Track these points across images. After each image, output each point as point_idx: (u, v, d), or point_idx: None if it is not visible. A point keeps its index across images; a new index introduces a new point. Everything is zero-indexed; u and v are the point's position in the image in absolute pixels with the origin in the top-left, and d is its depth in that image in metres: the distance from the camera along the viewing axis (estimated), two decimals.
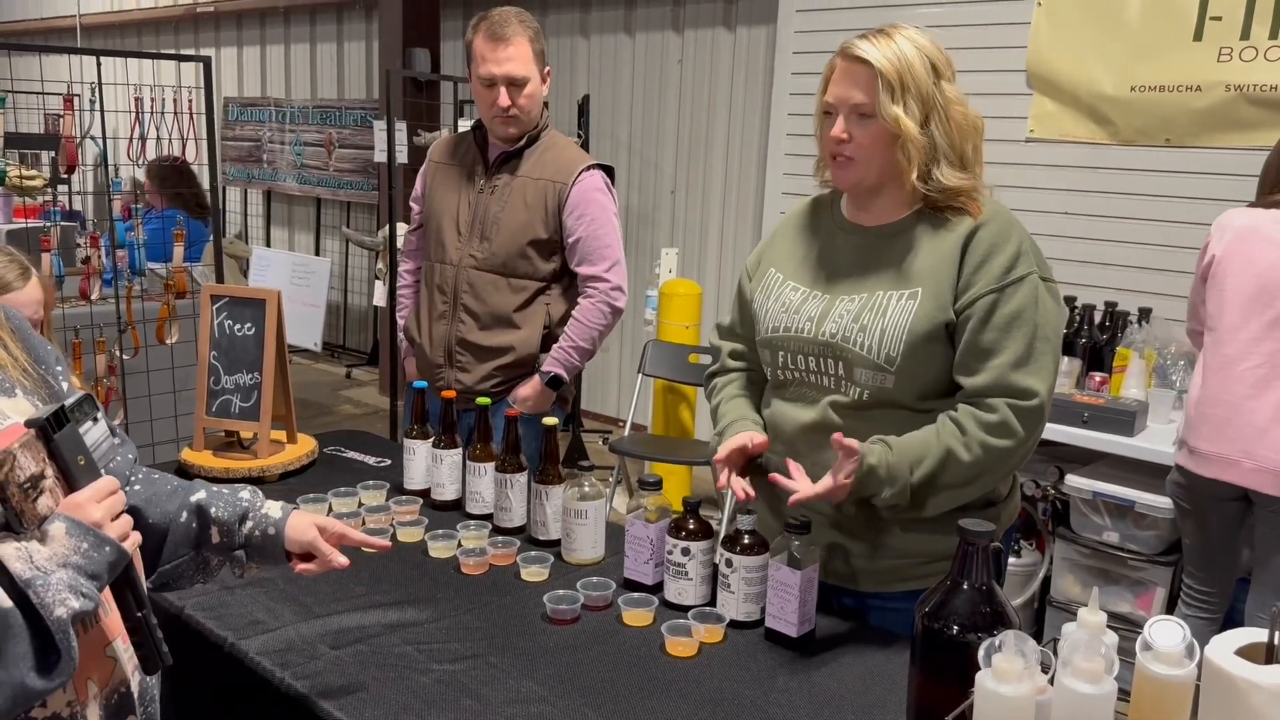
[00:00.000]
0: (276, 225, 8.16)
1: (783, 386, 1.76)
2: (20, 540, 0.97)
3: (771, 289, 1.77)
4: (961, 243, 1.60)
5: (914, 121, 1.58)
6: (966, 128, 1.61)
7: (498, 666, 1.52)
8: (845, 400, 1.66)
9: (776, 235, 1.86)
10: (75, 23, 9.13)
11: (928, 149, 1.59)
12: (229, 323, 2.30)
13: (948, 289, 1.60)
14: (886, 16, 4.20)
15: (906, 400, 1.64)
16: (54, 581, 0.96)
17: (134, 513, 1.22)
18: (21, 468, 0.97)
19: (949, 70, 1.63)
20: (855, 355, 1.63)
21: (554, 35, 5.98)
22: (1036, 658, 1.08)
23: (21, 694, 0.93)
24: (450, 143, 2.69)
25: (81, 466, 1.03)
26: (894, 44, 1.61)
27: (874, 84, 1.59)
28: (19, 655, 0.93)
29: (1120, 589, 3.14)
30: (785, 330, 1.71)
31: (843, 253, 1.72)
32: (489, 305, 2.51)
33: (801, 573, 1.57)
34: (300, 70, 7.74)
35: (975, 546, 1.26)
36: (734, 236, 5.35)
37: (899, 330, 1.60)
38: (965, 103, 1.63)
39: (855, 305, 1.65)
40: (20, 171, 3.54)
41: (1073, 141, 3.83)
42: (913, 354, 1.59)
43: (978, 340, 1.58)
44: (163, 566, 1.30)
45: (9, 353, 1.14)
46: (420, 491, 2.17)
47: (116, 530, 1.04)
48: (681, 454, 4.22)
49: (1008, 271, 1.58)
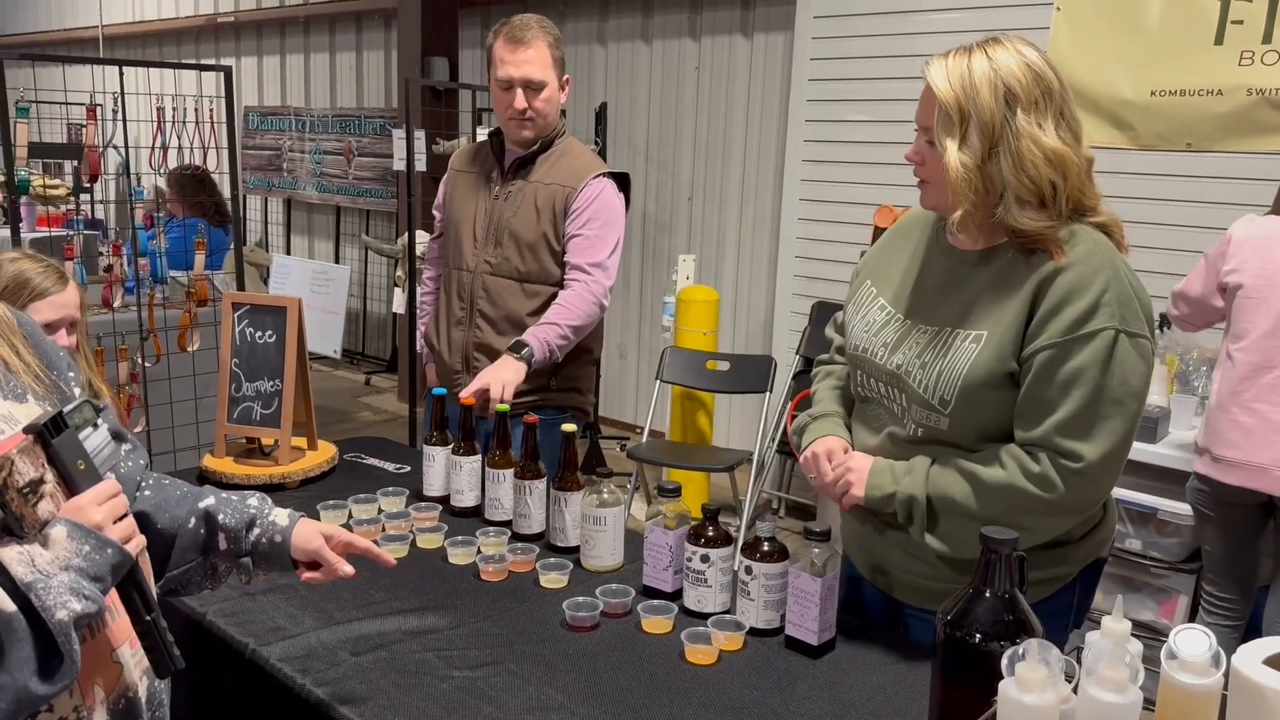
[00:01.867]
0: (296, 233, 8.21)
1: (865, 402, 1.74)
2: (22, 544, 0.98)
3: (863, 303, 1.73)
4: (1036, 287, 1.49)
5: (972, 155, 1.47)
6: (1041, 163, 1.46)
7: (517, 673, 1.52)
8: (902, 434, 1.63)
9: (886, 240, 1.79)
10: (98, 33, 9.23)
11: (987, 185, 1.48)
12: (250, 330, 2.32)
13: (1011, 338, 1.50)
14: (904, 23, 4.21)
15: (962, 442, 1.57)
16: (55, 585, 0.96)
17: (143, 518, 1.22)
18: (20, 472, 0.98)
19: (1035, 98, 1.47)
20: (912, 392, 1.59)
21: (572, 43, 6.00)
22: (1060, 666, 1.07)
23: (25, 698, 0.94)
24: (470, 151, 2.70)
25: (82, 471, 1.04)
26: (967, 65, 1.49)
27: (934, 110, 1.51)
28: (22, 659, 0.93)
29: (1142, 597, 3.12)
30: (864, 351, 1.68)
31: (933, 275, 1.64)
32: (504, 310, 2.52)
33: (822, 580, 1.56)
34: (320, 79, 7.79)
35: (998, 554, 1.26)
36: (751, 243, 5.35)
37: (956, 373, 1.53)
38: (1046, 136, 1.47)
39: (925, 338, 1.59)
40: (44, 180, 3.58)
41: (1092, 146, 3.80)
42: (967, 399, 1.52)
43: (1035, 394, 1.49)
44: (171, 572, 1.31)
45: (21, 359, 1.15)
46: (440, 498, 2.18)
47: (119, 533, 1.04)
48: (699, 460, 4.21)
49: (1079, 325, 1.46)
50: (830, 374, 1.86)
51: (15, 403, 1.11)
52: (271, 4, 7.94)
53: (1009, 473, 1.50)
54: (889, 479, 1.60)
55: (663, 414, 4.69)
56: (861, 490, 1.62)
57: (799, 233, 4.69)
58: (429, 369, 2.76)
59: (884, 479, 1.61)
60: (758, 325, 5.33)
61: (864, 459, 1.66)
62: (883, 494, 1.60)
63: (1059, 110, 1.49)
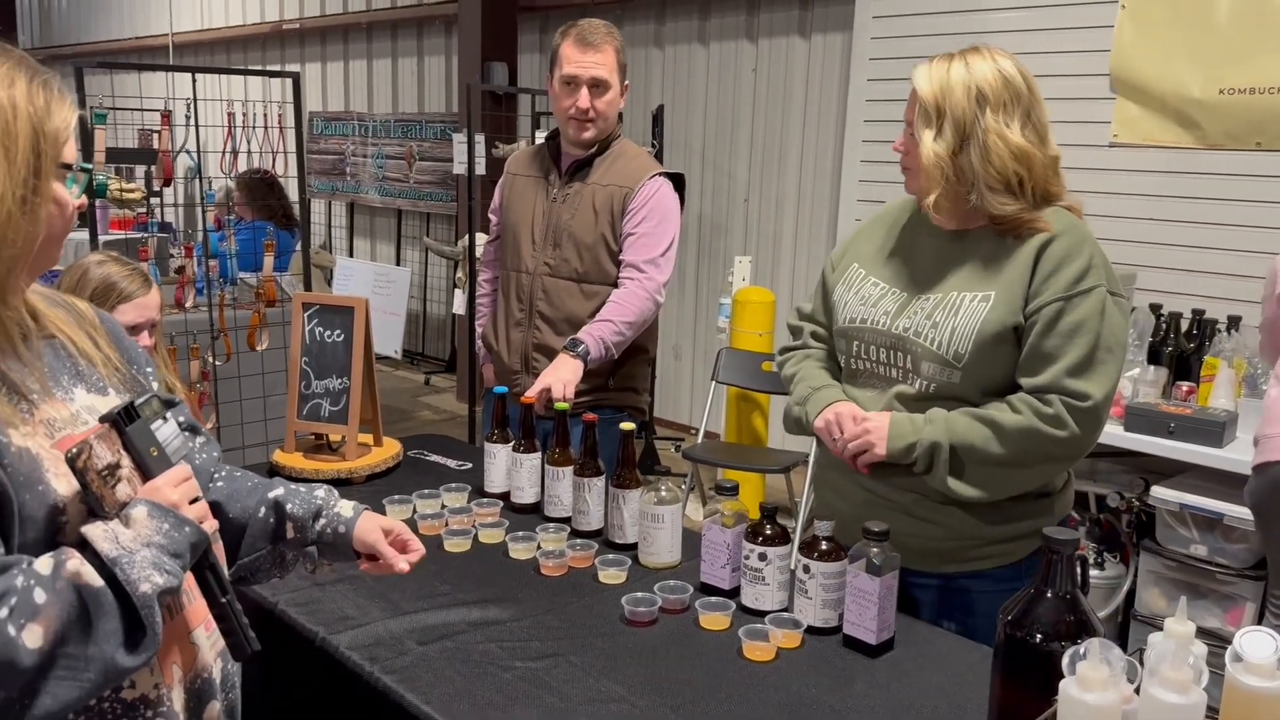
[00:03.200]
0: (359, 236, 8.36)
1: (854, 375, 1.87)
2: (106, 524, 1.03)
3: (853, 282, 1.88)
4: (1035, 252, 1.69)
5: (945, 146, 1.68)
6: (1007, 157, 1.66)
7: (578, 665, 1.55)
8: (911, 391, 1.76)
9: (863, 230, 1.97)
10: (168, 41, 9.49)
11: (958, 173, 1.69)
12: (319, 329, 2.38)
13: (1019, 295, 1.69)
14: (964, 23, 4.17)
15: (970, 395, 1.72)
16: (139, 560, 1.01)
17: (216, 507, 1.27)
18: (98, 456, 1.03)
19: (1004, 100, 1.68)
20: (924, 350, 1.73)
21: (629, 46, 6.00)
22: (1122, 666, 1.07)
23: (112, 669, 0.98)
24: (527, 155, 2.74)
25: (155, 458, 1.09)
26: (947, 68, 1.70)
27: (915, 105, 1.72)
28: (109, 632, 0.98)
29: (1208, 604, 3.06)
30: (861, 321, 1.83)
31: (924, 253, 1.82)
32: (563, 311, 2.55)
33: (881, 580, 1.57)
34: (382, 85, 7.93)
35: (1060, 555, 1.26)
36: (808, 244, 5.34)
37: (969, 329, 1.69)
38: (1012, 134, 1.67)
39: (929, 304, 1.75)
40: (120, 184, 3.70)
41: (1158, 146, 3.74)
42: (980, 353, 1.69)
43: (1041, 345, 1.67)
44: (241, 560, 1.35)
45: (100, 350, 1.20)
46: (500, 494, 2.22)
47: (194, 513, 1.09)
48: (755, 461, 4.21)
49: (1076, 282, 1.66)
50: (810, 355, 1.97)
51: (98, 395, 1.16)
52: (335, 10, 8.10)
53: (1025, 416, 1.66)
54: (909, 429, 1.72)
55: (718, 415, 4.70)
56: (884, 446, 1.73)
57: None
58: (486, 369, 2.81)
59: (904, 429, 1.72)
60: None
61: (882, 416, 1.77)
62: (905, 444, 1.71)
63: (1026, 113, 1.70)
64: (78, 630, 0.97)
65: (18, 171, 1.02)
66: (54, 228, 1.09)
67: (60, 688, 0.96)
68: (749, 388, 4.38)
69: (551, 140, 2.64)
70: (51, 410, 1.09)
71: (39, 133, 1.04)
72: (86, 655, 0.97)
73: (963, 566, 1.77)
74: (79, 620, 0.97)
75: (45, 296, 1.20)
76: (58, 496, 1.04)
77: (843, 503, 1.85)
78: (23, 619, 0.93)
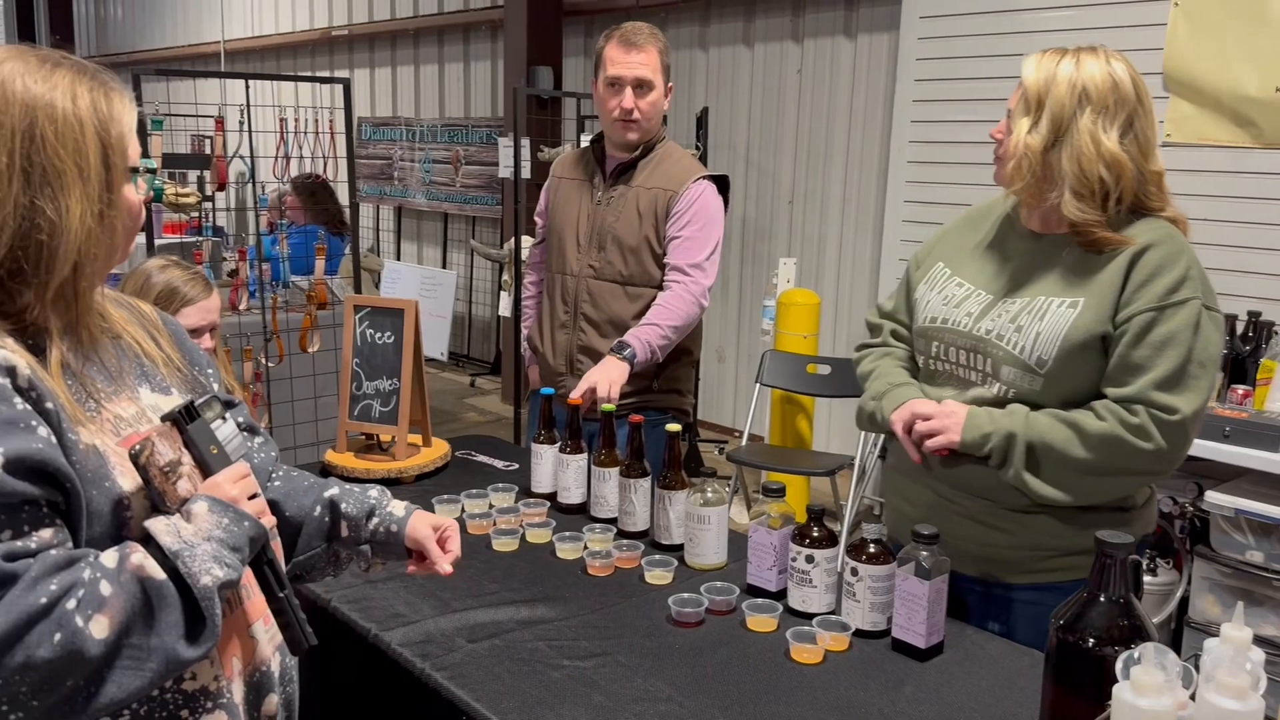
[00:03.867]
0: (406, 239, 8.46)
1: (932, 376, 1.83)
2: (168, 519, 1.06)
3: (936, 281, 1.85)
4: (1128, 260, 1.63)
5: (1038, 139, 1.64)
6: (1096, 161, 1.62)
7: (625, 665, 1.56)
8: (989, 395, 1.72)
9: (950, 229, 1.94)
10: (219, 48, 9.67)
11: (1045, 170, 1.65)
12: (370, 331, 2.42)
13: (1109, 303, 1.63)
14: (1013, 22, 4.13)
15: (1050, 404, 1.67)
16: (200, 553, 1.03)
17: (273, 506, 1.30)
18: (160, 453, 1.07)
19: (1106, 104, 1.63)
20: (1005, 354, 1.69)
21: (673, 48, 6.03)
22: (1177, 671, 1.06)
23: (173, 660, 1.01)
24: (572, 158, 2.76)
25: (214, 455, 1.12)
26: (1057, 62, 1.66)
27: (1018, 95, 1.69)
28: (171, 624, 1.01)
29: (1264, 611, 3.00)
30: (943, 321, 1.79)
31: (1013, 256, 1.78)
32: (608, 314, 2.57)
33: (930, 583, 1.56)
34: (429, 90, 8.01)
35: (1113, 559, 1.24)
36: (853, 246, 5.31)
37: (1054, 335, 1.64)
38: (1107, 139, 1.62)
39: (1015, 307, 1.71)
40: (176, 189, 3.78)
41: (1213, 145, 3.67)
42: (1065, 360, 1.64)
43: (1130, 356, 1.61)
44: (297, 557, 1.38)
45: (161, 350, 1.24)
46: (547, 495, 2.24)
47: (253, 509, 1.12)
48: (800, 464, 4.20)
49: (1170, 293, 1.60)
50: (889, 353, 1.94)
51: (161, 395, 1.20)
52: (383, 17, 8.20)
53: (1109, 424, 1.60)
54: (986, 420, 1.68)
55: (762, 417, 4.69)
56: (959, 433, 1.69)
57: (903, 235, 4.64)
58: (532, 371, 2.83)
59: (981, 419, 1.68)
60: (859, 329, 5.29)
61: (960, 406, 1.72)
62: (980, 434, 1.67)
63: (1129, 121, 1.65)
64: (141, 622, 1.00)
65: (93, 189, 1.06)
66: (128, 231, 1.13)
67: (125, 677, 0.98)
68: (793, 390, 4.36)
69: (596, 144, 2.66)
70: (118, 408, 1.12)
71: (107, 145, 1.07)
72: (149, 646, 1.00)
73: (1031, 578, 1.71)
74: (143, 612, 1.00)
75: (111, 298, 1.23)
76: (123, 492, 1.07)
77: (910, 508, 1.82)
78: (90, 610, 0.96)
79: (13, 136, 1.02)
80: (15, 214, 1.02)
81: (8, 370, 1.00)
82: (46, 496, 1.00)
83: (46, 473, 0.99)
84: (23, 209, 1.02)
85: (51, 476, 0.99)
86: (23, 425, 0.98)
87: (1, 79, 1.03)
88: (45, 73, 1.06)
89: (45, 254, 1.03)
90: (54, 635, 0.94)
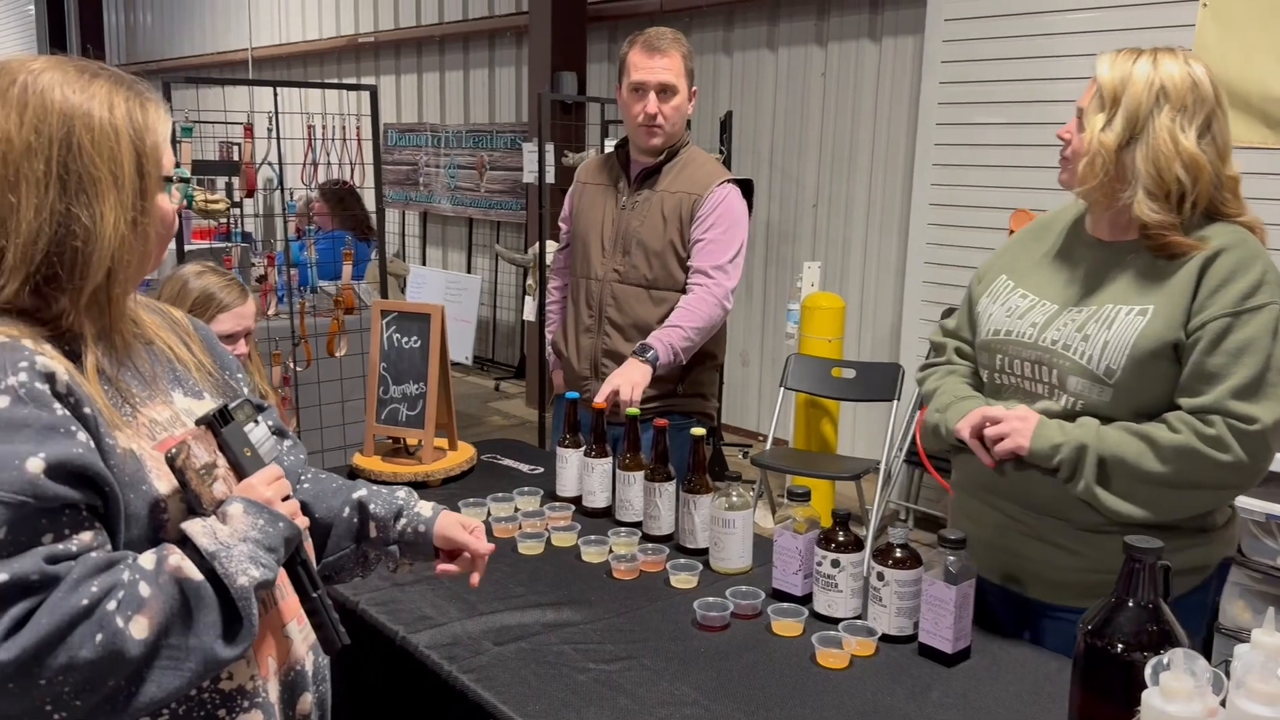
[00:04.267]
0: (431, 244, 8.51)
1: (997, 391, 1.78)
2: (205, 521, 1.08)
3: (999, 294, 1.79)
4: (1201, 264, 1.57)
5: (1113, 137, 1.58)
6: (1174, 161, 1.56)
7: (651, 668, 1.57)
8: (1056, 408, 1.65)
9: (1013, 243, 1.89)
10: (247, 56, 9.77)
11: (1119, 169, 1.59)
12: (397, 336, 2.44)
13: (1181, 308, 1.56)
14: (1039, 24, 4.11)
15: (1120, 416, 1.60)
16: (236, 554, 1.05)
17: (303, 508, 1.31)
18: (196, 455, 1.09)
19: (1185, 103, 1.57)
20: (1072, 364, 1.63)
21: (697, 53, 6.03)
22: (1208, 677, 1.05)
23: (211, 660, 1.03)
24: (596, 164, 2.78)
25: (248, 458, 1.14)
26: (1134, 60, 1.61)
27: (1092, 92, 1.64)
28: (209, 624, 1.02)
29: None
30: (1007, 333, 1.73)
31: (1079, 265, 1.72)
32: (632, 317, 2.58)
33: (957, 588, 1.56)
34: (454, 96, 8.06)
35: (1142, 563, 1.24)
36: (878, 249, 5.29)
37: (1123, 344, 1.58)
38: (1185, 138, 1.56)
39: (1081, 316, 1.65)
40: (205, 195, 3.83)
41: (1243, 147, 3.62)
42: (1135, 369, 1.57)
43: (1205, 364, 1.54)
44: (327, 558, 1.40)
45: (193, 355, 1.26)
46: (572, 498, 2.25)
47: (286, 509, 1.14)
48: (825, 468, 4.19)
49: (1246, 298, 1.54)
50: (953, 371, 1.88)
51: (194, 399, 1.22)
52: (409, 24, 8.26)
53: (1184, 435, 1.53)
54: (1056, 431, 1.61)
55: (786, 421, 4.68)
56: (1028, 440, 1.61)
57: (929, 238, 4.62)
58: (556, 375, 2.85)
59: (1051, 430, 1.61)
60: (884, 332, 5.27)
61: (1031, 412, 1.65)
62: (1050, 444, 1.60)
63: (1207, 122, 1.59)
64: (180, 622, 1.01)
65: (126, 196, 1.08)
66: (161, 239, 1.15)
67: (164, 677, 1.00)
68: (818, 394, 4.35)
69: (621, 149, 2.67)
70: (153, 413, 1.15)
71: (141, 154, 1.09)
72: (188, 646, 1.01)
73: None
74: (181, 612, 1.01)
75: (142, 303, 1.25)
76: (159, 495, 1.09)
77: (977, 528, 1.75)
78: (130, 611, 0.98)
79: (50, 144, 1.04)
80: (51, 220, 1.04)
81: (47, 376, 1.02)
82: (86, 500, 1.02)
83: (86, 477, 1.01)
84: (59, 215, 1.04)
85: (91, 481, 1.01)
86: (62, 430, 1.00)
87: (40, 88, 1.06)
88: (83, 83, 1.08)
89: (80, 260, 1.05)
90: (95, 636, 0.96)
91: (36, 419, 0.99)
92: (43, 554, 0.97)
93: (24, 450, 0.97)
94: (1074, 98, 1.71)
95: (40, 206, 1.04)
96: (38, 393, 1.00)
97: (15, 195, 1.03)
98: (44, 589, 0.96)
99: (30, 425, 0.98)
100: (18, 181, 1.03)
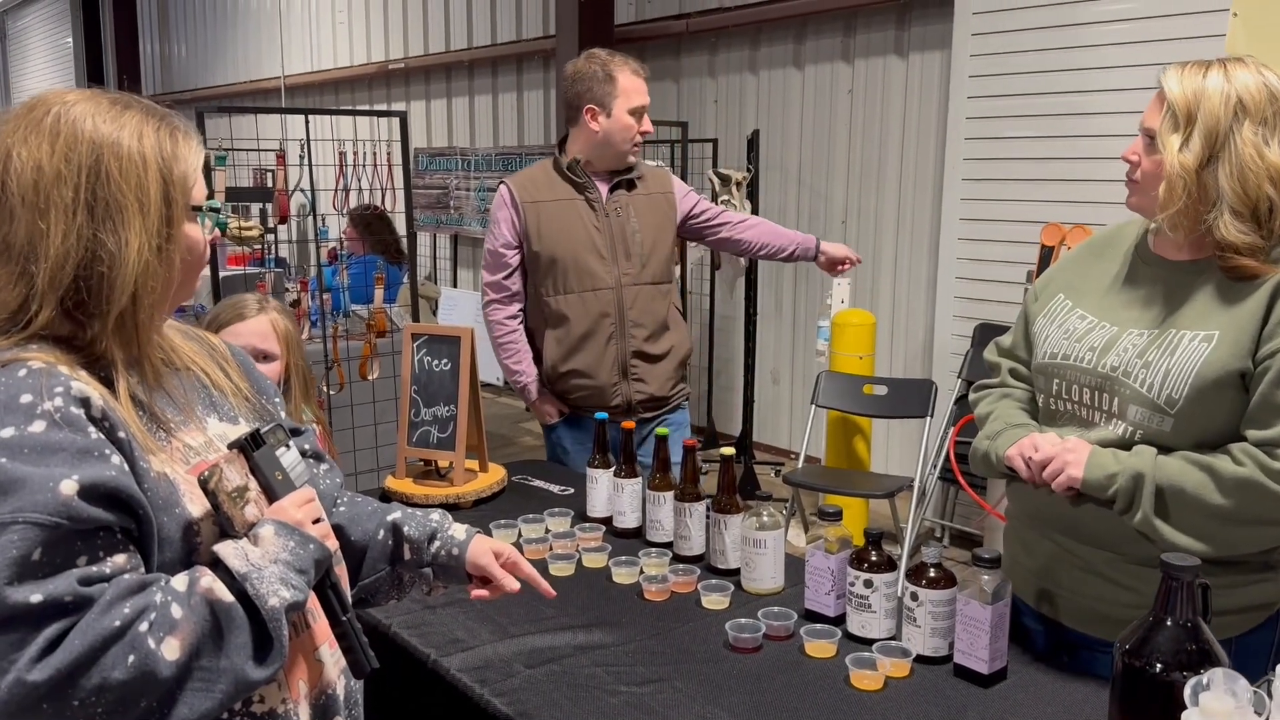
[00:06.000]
0: (462, 267, 8.57)
1: (1053, 417, 1.70)
2: (236, 542, 1.09)
3: (1056, 314, 1.71)
4: (1273, 289, 1.49)
5: (1193, 157, 1.49)
6: (1262, 176, 1.47)
7: (683, 691, 1.56)
8: (1114, 437, 1.58)
9: (1071, 258, 1.81)
10: (280, 84, 9.92)
11: (1201, 190, 1.50)
12: (428, 359, 2.46)
13: (1249, 336, 1.48)
14: (1068, 38, 4.09)
15: (1181, 447, 1.53)
16: (267, 576, 1.06)
17: (338, 531, 1.33)
18: (228, 479, 1.10)
19: (1265, 115, 1.49)
20: (1132, 392, 1.55)
21: (724, 73, 6.08)
22: (1249, 698, 1.03)
23: (242, 681, 1.04)
24: (538, 183, 2.78)
25: (280, 481, 1.15)
26: (1204, 73, 1.52)
27: (1162, 111, 1.54)
28: (239, 645, 1.03)
29: None
30: (1064, 357, 1.66)
31: (1141, 285, 1.64)
32: (648, 314, 2.78)
33: (993, 608, 1.54)
34: (483, 120, 8.14)
35: (1179, 581, 1.22)
36: (909, 265, 5.26)
37: (1187, 372, 1.50)
38: (1270, 152, 1.48)
39: (1143, 340, 1.57)
40: (239, 222, 3.89)
41: None
42: (1198, 399, 1.50)
43: (1274, 395, 1.46)
44: (363, 580, 1.40)
45: (230, 380, 1.28)
46: (603, 519, 2.25)
47: (317, 532, 1.15)
48: (858, 487, 4.16)
49: None
50: (1008, 394, 1.81)
51: (229, 424, 1.23)
52: (438, 50, 8.36)
53: (1248, 469, 1.46)
54: (1111, 460, 1.54)
55: (818, 439, 4.66)
56: (1081, 470, 1.54)
57: (960, 253, 4.60)
58: (547, 407, 2.85)
59: (1105, 459, 1.54)
60: (916, 349, 5.24)
61: (1083, 443, 1.59)
62: (1105, 473, 1.53)
63: None
64: (211, 644, 1.02)
65: (152, 223, 1.10)
66: (189, 266, 1.17)
67: (195, 698, 1.01)
68: (850, 411, 4.33)
69: (574, 164, 2.75)
70: (187, 438, 1.16)
71: (169, 182, 1.11)
72: (219, 668, 1.02)
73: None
74: (212, 634, 1.02)
75: (180, 330, 1.28)
76: (192, 517, 1.10)
77: (1028, 558, 1.72)
78: (162, 632, 0.99)
79: (79, 172, 1.07)
80: (79, 245, 1.06)
81: (82, 401, 1.04)
82: (120, 523, 1.03)
83: (120, 500, 1.02)
84: (86, 241, 1.07)
85: (124, 503, 1.03)
86: (97, 454, 1.02)
87: (73, 119, 1.08)
88: (115, 113, 1.11)
89: (105, 284, 1.07)
90: (128, 657, 0.97)
91: (71, 443, 1.01)
92: (77, 575, 0.98)
93: (59, 473, 0.98)
94: (1103, 110, 1.68)
95: (68, 232, 1.06)
96: (73, 417, 1.02)
97: (45, 221, 1.06)
98: (78, 610, 0.97)
99: (65, 449, 1.00)
100: (48, 208, 1.06)
